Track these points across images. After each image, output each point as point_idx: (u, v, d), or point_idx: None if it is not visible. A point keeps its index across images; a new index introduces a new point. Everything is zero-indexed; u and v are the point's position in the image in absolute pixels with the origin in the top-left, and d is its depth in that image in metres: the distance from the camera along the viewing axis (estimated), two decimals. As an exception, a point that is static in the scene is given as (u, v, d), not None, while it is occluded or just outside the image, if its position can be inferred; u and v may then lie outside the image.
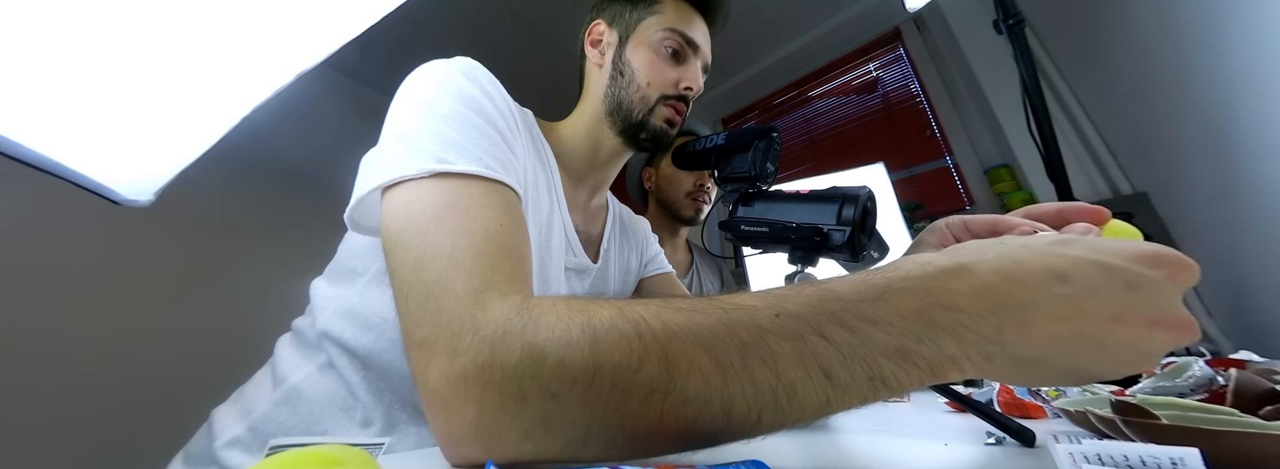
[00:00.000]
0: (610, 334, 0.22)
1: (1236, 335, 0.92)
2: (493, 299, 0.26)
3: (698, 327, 0.22)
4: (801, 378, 0.21)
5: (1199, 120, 0.82)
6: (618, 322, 0.23)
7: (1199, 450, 0.17)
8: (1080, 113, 1.23)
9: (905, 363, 0.21)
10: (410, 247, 0.29)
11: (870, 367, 0.21)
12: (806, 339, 0.21)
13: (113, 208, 0.44)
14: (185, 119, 0.42)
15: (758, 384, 0.21)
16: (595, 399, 0.21)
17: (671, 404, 0.21)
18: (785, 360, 0.21)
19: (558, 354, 0.22)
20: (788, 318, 0.22)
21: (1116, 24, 0.99)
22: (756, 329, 0.22)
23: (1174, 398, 0.33)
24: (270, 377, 0.46)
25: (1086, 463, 0.19)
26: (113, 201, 0.40)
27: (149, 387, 1.22)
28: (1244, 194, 0.77)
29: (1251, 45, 0.68)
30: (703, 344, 0.22)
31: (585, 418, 0.22)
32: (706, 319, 0.22)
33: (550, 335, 0.23)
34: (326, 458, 0.16)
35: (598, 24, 0.60)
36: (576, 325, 0.23)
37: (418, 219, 0.31)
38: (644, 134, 0.56)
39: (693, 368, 0.21)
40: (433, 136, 0.35)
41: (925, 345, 0.21)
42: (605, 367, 0.21)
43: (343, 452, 0.16)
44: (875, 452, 0.34)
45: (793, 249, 0.48)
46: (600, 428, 0.22)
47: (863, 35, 1.92)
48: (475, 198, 0.32)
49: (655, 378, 0.21)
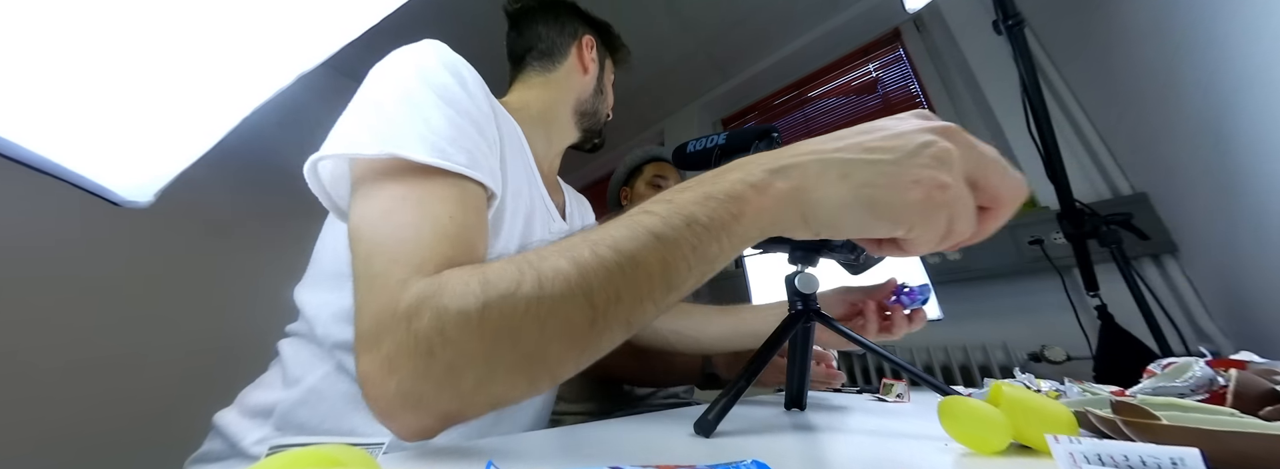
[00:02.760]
0: (499, 274, 0.26)
1: (1237, 336, 0.92)
2: (417, 280, 0.27)
3: (562, 244, 0.27)
4: (638, 247, 0.25)
5: (1198, 121, 0.82)
6: (506, 265, 0.26)
7: (1199, 450, 0.17)
8: (1080, 113, 1.23)
9: (708, 201, 0.26)
10: (362, 239, 0.31)
11: (685, 214, 0.26)
12: (635, 216, 0.27)
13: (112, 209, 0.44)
14: (185, 120, 0.42)
15: (607, 265, 0.25)
16: (486, 331, 0.24)
17: (545, 309, 0.24)
18: (624, 240, 0.26)
19: (456, 305, 0.24)
20: (627, 215, 0.27)
21: (1115, 25, 0.99)
22: (603, 230, 0.27)
23: (1174, 398, 0.33)
24: (281, 378, 0.45)
25: (1086, 463, 0.19)
26: (113, 203, 0.40)
27: (148, 387, 1.22)
28: (1243, 194, 0.77)
29: (1250, 45, 0.68)
30: (565, 254, 0.26)
31: (483, 350, 0.24)
32: (571, 238, 0.28)
33: (453, 292, 0.25)
34: (326, 458, 0.16)
35: (590, 38, 0.68)
36: (474, 278, 0.26)
37: (371, 212, 0.32)
38: (598, 139, 0.72)
39: (557, 274, 0.25)
40: (400, 124, 0.34)
41: (719, 183, 0.27)
42: (492, 299, 0.24)
43: (343, 452, 0.16)
44: (875, 452, 0.34)
45: (793, 249, 0.48)
46: (499, 355, 0.25)
47: (862, 36, 1.92)
48: (431, 191, 0.32)
49: (529, 292, 0.24)
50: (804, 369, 0.53)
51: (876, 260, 0.52)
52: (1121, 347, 0.83)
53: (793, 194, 0.27)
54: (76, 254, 1.21)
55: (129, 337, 1.24)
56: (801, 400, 0.56)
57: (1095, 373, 0.85)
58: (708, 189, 0.27)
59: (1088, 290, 0.88)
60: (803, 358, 0.52)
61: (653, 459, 0.31)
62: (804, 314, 0.47)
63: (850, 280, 0.48)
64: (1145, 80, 0.95)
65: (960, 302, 1.23)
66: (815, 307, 0.48)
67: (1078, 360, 1.04)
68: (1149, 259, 1.06)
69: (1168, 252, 1.04)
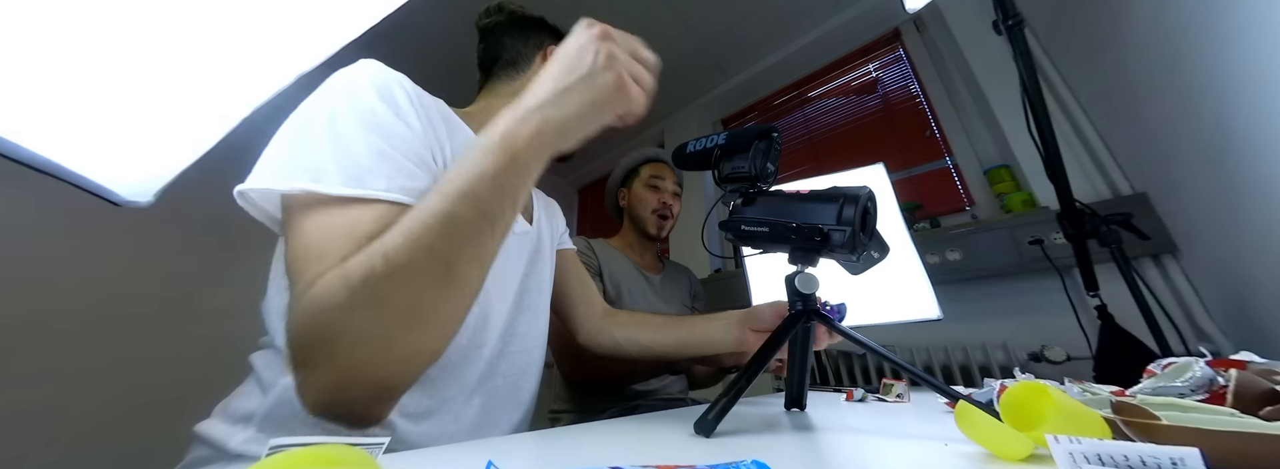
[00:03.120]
0: (354, 264, 0.31)
1: (1237, 336, 0.92)
2: (302, 290, 0.32)
3: (399, 223, 0.33)
4: (451, 207, 0.33)
5: (1199, 120, 0.82)
6: (360, 256, 0.32)
7: (1199, 450, 0.17)
8: (1080, 113, 1.23)
9: (485, 155, 0.35)
10: (292, 270, 0.34)
11: (474, 171, 0.34)
12: (440, 186, 0.34)
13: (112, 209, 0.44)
14: (185, 120, 0.42)
15: (432, 228, 0.32)
16: (358, 301, 0.30)
17: (384, 275, 0.31)
18: (436, 205, 0.33)
19: (317, 297, 0.31)
20: (436, 188, 0.35)
21: (1116, 24, 0.99)
22: (422, 202, 0.34)
23: (1174, 398, 0.33)
24: (258, 387, 0.45)
25: (1086, 463, 0.19)
26: (112, 202, 0.40)
27: (147, 387, 1.22)
28: (1244, 194, 0.77)
29: (1251, 45, 0.68)
30: (398, 230, 0.33)
31: (364, 323, 0.31)
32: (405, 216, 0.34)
33: (317, 292, 0.31)
34: (326, 458, 0.16)
35: (555, 48, 0.69)
36: (334, 273, 0.31)
37: (297, 244, 0.35)
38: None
39: (390, 247, 0.32)
40: (320, 155, 0.37)
41: (486, 143, 0.36)
42: (353, 279, 0.30)
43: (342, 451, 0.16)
44: (875, 452, 0.34)
45: (793, 249, 0.48)
46: (382, 322, 0.31)
47: (862, 36, 1.92)
48: (351, 216, 0.35)
49: (373, 267, 0.31)
50: (804, 369, 0.53)
51: (876, 260, 0.52)
52: (1121, 347, 0.83)
53: (541, 130, 0.37)
54: (75, 254, 1.21)
55: (127, 335, 1.24)
56: (801, 400, 0.56)
57: (1095, 373, 0.85)
58: (478, 152, 0.36)
59: (1088, 290, 0.88)
60: (802, 358, 0.52)
61: (653, 459, 0.31)
62: (804, 314, 0.47)
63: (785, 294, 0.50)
64: (1146, 80, 0.95)
65: (960, 302, 1.23)
66: (815, 306, 0.48)
67: (1078, 360, 1.04)
68: (1149, 259, 1.06)
69: (1168, 251, 1.04)
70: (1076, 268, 0.89)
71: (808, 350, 0.51)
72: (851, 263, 0.50)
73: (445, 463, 0.32)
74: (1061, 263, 1.08)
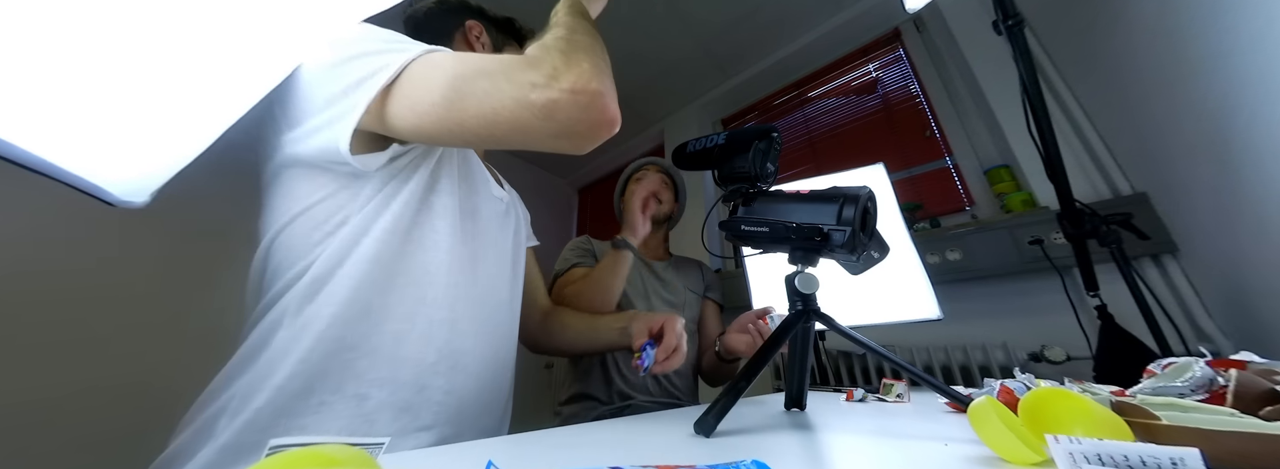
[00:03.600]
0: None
1: (1237, 336, 0.92)
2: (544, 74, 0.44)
3: (547, 39, 0.47)
4: (584, 36, 0.47)
5: (1199, 120, 0.82)
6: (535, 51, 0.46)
7: (1199, 450, 0.17)
8: (1080, 113, 1.23)
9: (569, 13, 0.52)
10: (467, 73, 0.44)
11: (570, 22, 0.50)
12: (554, 31, 0.48)
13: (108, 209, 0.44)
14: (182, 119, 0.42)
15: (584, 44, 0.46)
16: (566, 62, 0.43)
17: (573, 56, 0.44)
18: (573, 33, 0.47)
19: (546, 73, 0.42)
20: (551, 32, 0.49)
21: (1116, 24, 0.99)
22: (556, 33, 0.48)
23: (1174, 398, 0.33)
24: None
25: (1086, 463, 0.19)
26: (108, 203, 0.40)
27: (146, 387, 1.22)
28: (1244, 194, 0.77)
29: (1251, 45, 0.68)
30: (546, 43, 0.46)
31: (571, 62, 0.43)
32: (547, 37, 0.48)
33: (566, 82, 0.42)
34: (326, 458, 0.16)
35: (473, 22, 0.75)
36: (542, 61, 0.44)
37: (449, 63, 0.44)
38: None
39: (559, 51, 0.44)
40: (378, 44, 0.46)
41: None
42: (555, 61, 0.42)
43: (342, 451, 0.16)
44: (875, 452, 0.34)
45: (793, 249, 0.48)
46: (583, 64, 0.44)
47: (862, 36, 1.92)
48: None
49: (558, 56, 0.43)
50: (804, 369, 0.53)
51: (876, 260, 0.52)
52: (1121, 347, 0.83)
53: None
54: (71, 254, 1.20)
55: (125, 336, 1.24)
56: (801, 400, 0.56)
57: (1095, 373, 0.85)
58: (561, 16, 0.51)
59: (1088, 290, 0.88)
60: (802, 358, 0.52)
61: (653, 459, 0.31)
62: (804, 314, 0.47)
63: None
64: (1146, 80, 0.95)
65: (960, 301, 1.23)
66: (815, 306, 0.48)
67: (1078, 360, 1.04)
68: (1149, 259, 1.06)
69: (1168, 251, 1.04)
70: (1076, 268, 0.89)
71: (807, 350, 0.51)
72: (851, 263, 0.50)
73: (445, 463, 0.32)
74: (1061, 263, 1.08)
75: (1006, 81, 1.36)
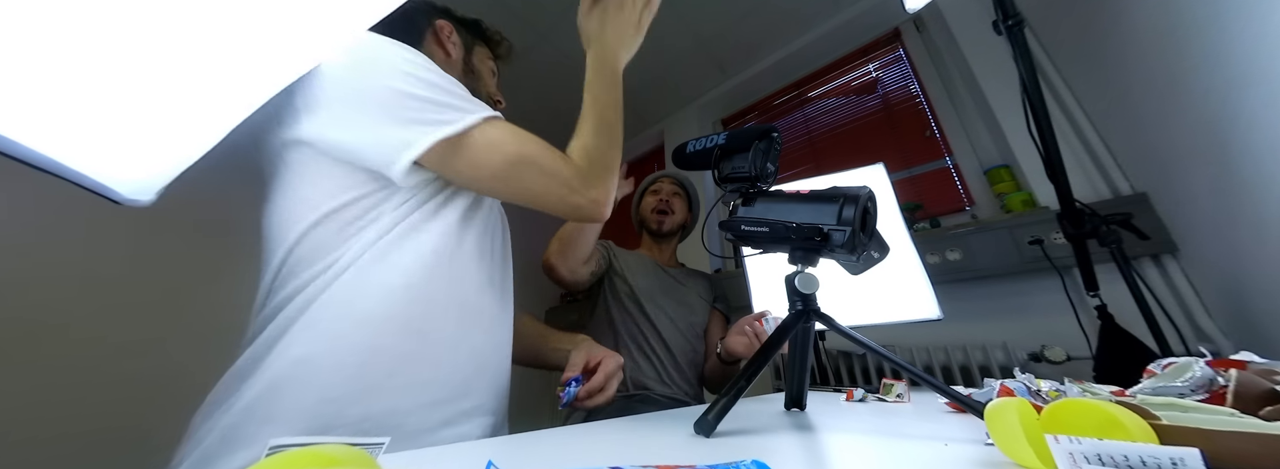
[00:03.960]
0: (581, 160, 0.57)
1: (1237, 336, 0.92)
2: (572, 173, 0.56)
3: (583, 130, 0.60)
4: (613, 118, 0.61)
5: (1198, 120, 0.82)
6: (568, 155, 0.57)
7: (1199, 450, 0.17)
8: (1080, 113, 1.23)
9: (599, 77, 0.63)
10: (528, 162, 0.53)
11: (600, 95, 0.62)
12: (590, 109, 0.61)
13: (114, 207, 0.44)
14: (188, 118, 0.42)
15: (608, 132, 0.60)
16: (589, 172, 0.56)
17: (598, 160, 0.58)
18: (602, 118, 0.60)
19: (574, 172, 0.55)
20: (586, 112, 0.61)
21: (1116, 24, 0.99)
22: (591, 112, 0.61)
23: (1174, 398, 0.33)
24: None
25: (1086, 463, 0.19)
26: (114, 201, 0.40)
27: (146, 387, 1.22)
28: (1244, 194, 0.77)
29: (1251, 45, 0.68)
30: (579, 140, 0.59)
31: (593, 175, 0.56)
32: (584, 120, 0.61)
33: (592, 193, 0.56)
34: (326, 458, 0.16)
35: (443, 22, 0.74)
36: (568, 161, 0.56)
37: (522, 148, 0.52)
38: None
39: (587, 148, 0.59)
40: (452, 96, 0.51)
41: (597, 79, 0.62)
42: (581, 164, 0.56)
43: (342, 451, 0.16)
44: (875, 452, 0.34)
45: (793, 249, 0.48)
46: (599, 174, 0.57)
47: (862, 36, 1.92)
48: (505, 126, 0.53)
49: (584, 160, 0.57)
50: (803, 369, 0.53)
51: (876, 260, 0.52)
52: (1121, 347, 0.83)
53: (606, 56, 0.63)
54: (76, 252, 1.21)
55: (126, 335, 1.24)
56: (801, 400, 0.56)
57: (1095, 373, 0.85)
58: (594, 81, 0.62)
59: (1088, 290, 0.88)
60: (802, 358, 0.52)
61: (653, 459, 0.31)
62: (804, 314, 0.47)
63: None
64: (1146, 80, 0.95)
65: (960, 301, 1.23)
66: (815, 307, 0.48)
67: (1078, 360, 1.04)
68: (1149, 259, 1.06)
69: (1168, 251, 1.04)
70: (1076, 268, 0.89)
71: (808, 350, 0.51)
72: (851, 263, 0.50)
73: (445, 463, 0.32)
74: (1061, 263, 1.08)
75: (1006, 81, 1.36)
